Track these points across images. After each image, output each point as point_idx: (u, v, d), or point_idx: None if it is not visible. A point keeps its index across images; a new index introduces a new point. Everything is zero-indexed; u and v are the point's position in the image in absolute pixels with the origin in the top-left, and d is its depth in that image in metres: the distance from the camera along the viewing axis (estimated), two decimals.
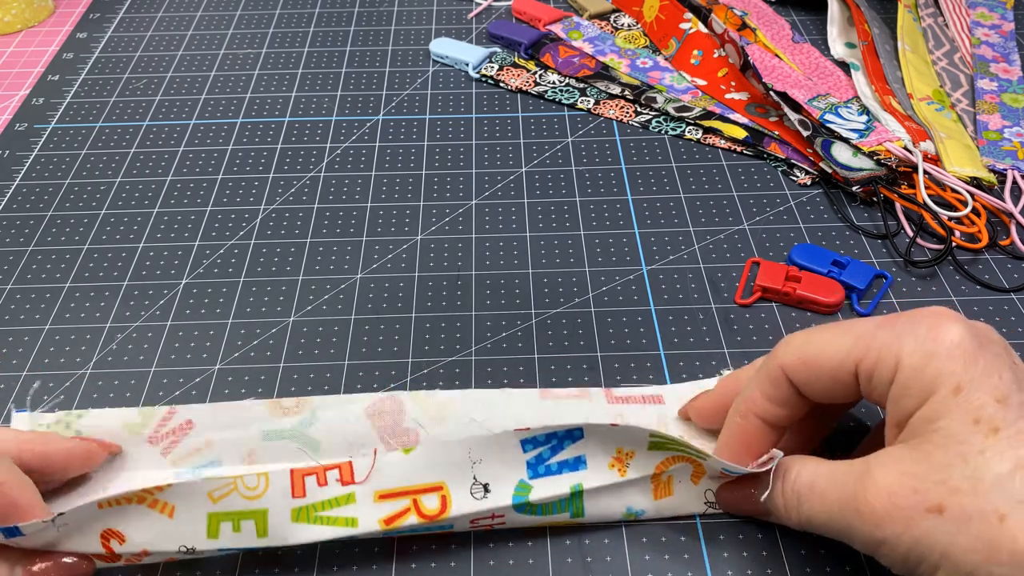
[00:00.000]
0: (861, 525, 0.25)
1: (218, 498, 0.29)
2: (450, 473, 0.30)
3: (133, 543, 0.28)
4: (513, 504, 0.30)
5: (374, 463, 0.30)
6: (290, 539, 0.29)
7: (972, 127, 0.50)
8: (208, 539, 0.28)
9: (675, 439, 0.30)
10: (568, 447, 0.30)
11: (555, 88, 0.55)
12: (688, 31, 0.57)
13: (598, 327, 0.40)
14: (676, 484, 0.32)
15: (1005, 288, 0.41)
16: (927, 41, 0.57)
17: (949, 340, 0.25)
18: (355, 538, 0.30)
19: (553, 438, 0.30)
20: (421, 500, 0.29)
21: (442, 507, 0.29)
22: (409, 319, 0.40)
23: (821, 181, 0.48)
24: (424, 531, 0.31)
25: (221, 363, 0.39)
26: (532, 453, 0.30)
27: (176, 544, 0.28)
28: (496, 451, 0.30)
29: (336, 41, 0.61)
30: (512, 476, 0.30)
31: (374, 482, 0.30)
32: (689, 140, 0.51)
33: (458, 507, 0.29)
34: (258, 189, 0.48)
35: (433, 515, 0.29)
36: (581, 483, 0.30)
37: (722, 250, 0.44)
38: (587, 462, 0.31)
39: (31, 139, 0.52)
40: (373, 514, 0.29)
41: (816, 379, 0.28)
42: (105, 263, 0.44)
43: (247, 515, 0.29)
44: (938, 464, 0.24)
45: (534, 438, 0.30)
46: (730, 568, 0.31)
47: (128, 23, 0.63)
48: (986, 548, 0.23)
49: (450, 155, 0.50)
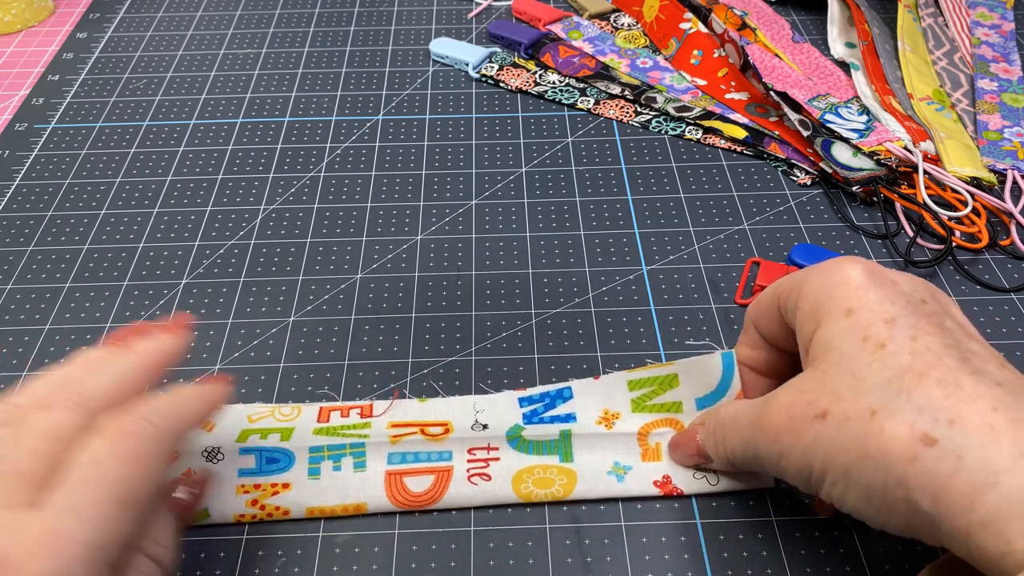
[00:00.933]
0: (764, 443, 0.27)
1: (255, 419, 0.34)
2: (455, 415, 0.35)
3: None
4: (506, 436, 0.34)
5: (392, 404, 0.35)
6: (306, 443, 0.33)
7: (972, 127, 0.50)
8: (235, 442, 0.33)
9: (651, 376, 0.35)
10: (559, 405, 0.35)
11: (555, 88, 0.55)
12: (688, 31, 0.57)
13: (598, 327, 0.40)
14: (664, 450, 0.34)
15: (1005, 288, 0.41)
16: (927, 41, 0.57)
17: (846, 273, 0.27)
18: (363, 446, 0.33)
19: (546, 396, 0.35)
20: (427, 428, 0.34)
21: (444, 431, 0.34)
22: (409, 319, 0.40)
23: (821, 181, 0.48)
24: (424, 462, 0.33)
25: (221, 363, 0.39)
26: (527, 408, 0.35)
27: (202, 445, 0.33)
28: (497, 405, 0.35)
29: (336, 41, 0.61)
30: (509, 421, 0.35)
31: (390, 416, 0.35)
32: (689, 140, 0.51)
33: (458, 433, 0.34)
34: (258, 189, 0.48)
35: (435, 435, 0.34)
36: (570, 431, 0.34)
37: (722, 250, 0.44)
38: (577, 417, 0.35)
39: (31, 139, 0.52)
40: (384, 432, 0.34)
41: (761, 317, 0.31)
42: (105, 263, 0.44)
43: (275, 430, 0.34)
44: (830, 379, 0.26)
45: (530, 397, 0.35)
46: (730, 568, 0.31)
47: (128, 23, 0.63)
48: (858, 445, 0.24)
49: (450, 155, 0.50)
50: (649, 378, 0.35)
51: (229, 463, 0.33)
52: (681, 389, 0.35)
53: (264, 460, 0.33)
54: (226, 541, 0.32)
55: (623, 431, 0.34)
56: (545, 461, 0.33)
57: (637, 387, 0.35)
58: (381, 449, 0.33)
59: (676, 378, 0.35)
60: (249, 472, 0.33)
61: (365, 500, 0.32)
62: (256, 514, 0.32)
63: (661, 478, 0.33)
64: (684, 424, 0.34)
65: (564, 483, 0.33)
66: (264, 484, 0.32)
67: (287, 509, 0.32)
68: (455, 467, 0.33)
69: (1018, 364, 0.38)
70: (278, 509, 0.32)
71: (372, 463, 0.33)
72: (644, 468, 0.33)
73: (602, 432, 0.34)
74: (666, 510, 0.33)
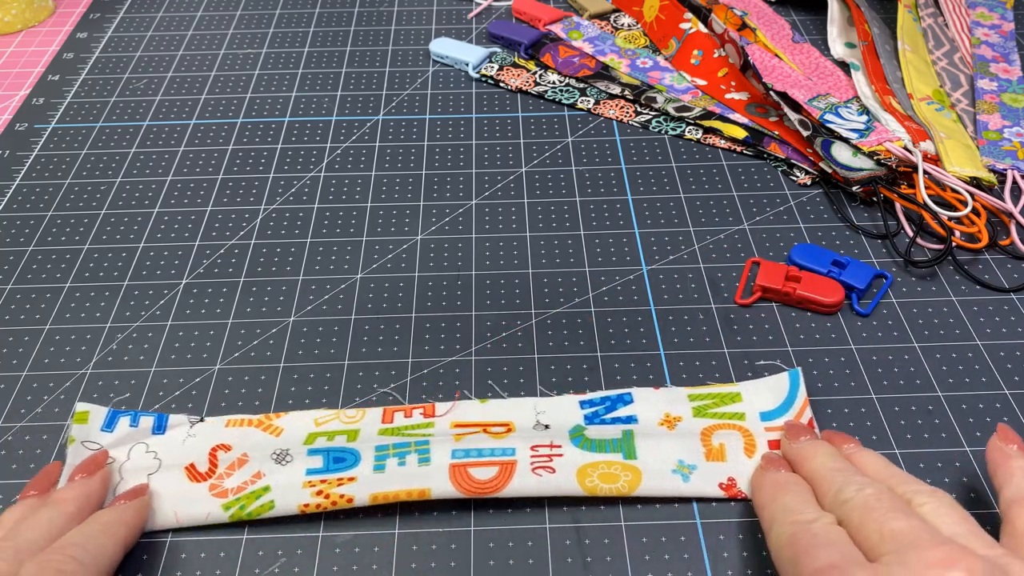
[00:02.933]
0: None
1: (321, 423, 0.35)
2: (517, 416, 0.35)
3: (236, 451, 0.34)
4: (569, 434, 0.34)
5: (454, 405, 0.36)
6: (374, 442, 0.34)
7: (972, 127, 0.50)
8: (303, 445, 0.34)
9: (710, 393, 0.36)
10: (620, 408, 0.36)
11: (555, 88, 0.55)
12: (688, 31, 0.57)
13: (598, 327, 0.40)
14: (728, 450, 0.34)
15: (1005, 288, 0.41)
16: (927, 41, 0.57)
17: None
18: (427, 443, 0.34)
19: (607, 400, 0.36)
20: (489, 428, 0.35)
21: (507, 431, 0.35)
22: (409, 319, 0.40)
23: (821, 181, 0.48)
24: (488, 457, 0.33)
25: (221, 363, 0.39)
26: (588, 411, 0.36)
27: (272, 449, 0.34)
28: (558, 407, 0.36)
29: (336, 41, 0.61)
30: (570, 422, 0.35)
31: (452, 416, 0.36)
32: (689, 140, 0.51)
33: (520, 432, 0.34)
34: (258, 189, 0.48)
35: (498, 434, 0.34)
36: (632, 430, 0.35)
37: (722, 250, 0.44)
38: (638, 419, 0.35)
39: (31, 139, 0.52)
40: (448, 432, 0.35)
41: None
42: (105, 263, 0.44)
43: (342, 432, 0.35)
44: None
45: (591, 400, 0.36)
46: (730, 568, 0.31)
47: (128, 23, 0.63)
48: None
49: (450, 155, 0.50)
50: (710, 393, 0.36)
51: (298, 463, 0.33)
52: (744, 404, 0.35)
53: (331, 459, 0.33)
54: (226, 541, 0.32)
55: (685, 431, 0.35)
56: (608, 458, 0.33)
57: (698, 399, 0.36)
58: (445, 445, 0.34)
59: (739, 395, 0.36)
60: (317, 471, 0.33)
61: (430, 486, 0.32)
62: (321, 503, 0.32)
63: (726, 480, 0.33)
64: (749, 430, 0.34)
65: (629, 479, 0.33)
66: (330, 479, 0.33)
67: (351, 496, 0.32)
68: (518, 460, 0.33)
69: (1018, 364, 0.38)
70: (342, 497, 0.32)
71: (436, 457, 0.33)
72: (709, 468, 0.33)
73: (664, 432, 0.35)
74: (666, 510, 0.33)
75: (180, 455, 0.34)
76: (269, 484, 0.33)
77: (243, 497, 0.32)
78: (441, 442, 0.34)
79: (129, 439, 0.35)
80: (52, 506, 0.30)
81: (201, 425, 0.35)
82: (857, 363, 0.38)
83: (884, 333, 0.39)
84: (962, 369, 0.38)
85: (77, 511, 0.30)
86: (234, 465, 0.34)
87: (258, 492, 0.32)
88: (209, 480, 0.33)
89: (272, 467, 0.33)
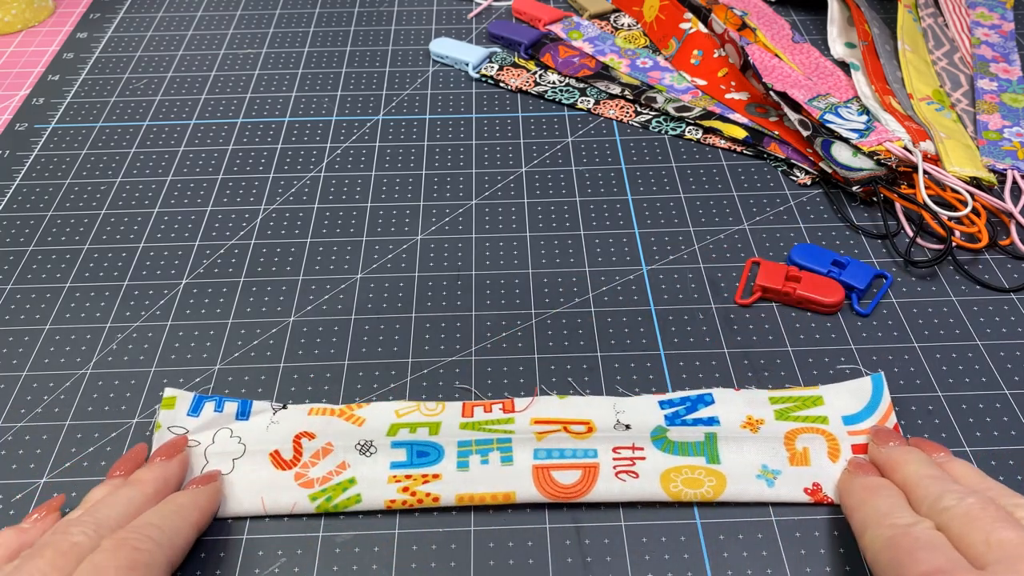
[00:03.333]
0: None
1: (403, 414, 0.35)
2: (597, 414, 0.35)
3: (320, 440, 0.34)
4: (651, 436, 0.34)
5: (533, 401, 0.36)
6: (456, 437, 0.34)
7: (972, 127, 0.50)
8: (386, 436, 0.34)
9: (792, 396, 0.35)
10: (701, 409, 0.35)
11: (555, 88, 0.55)
12: (688, 31, 0.57)
13: (598, 327, 0.40)
14: (813, 455, 0.33)
15: (1005, 288, 0.41)
16: (927, 41, 0.57)
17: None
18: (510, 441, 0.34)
19: (687, 400, 0.36)
20: (569, 427, 0.35)
21: (588, 430, 0.34)
22: (409, 319, 0.40)
23: (821, 181, 0.48)
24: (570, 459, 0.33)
25: (221, 363, 0.39)
26: (669, 411, 0.35)
27: (356, 439, 0.34)
28: (637, 406, 0.35)
29: (336, 41, 0.61)
30: (651, 422, 0.35)
31: (531, 412, 0.35)
32: (689, 140, 0.51)
33: (601, 432, 0.34)
34: (258, 189, 0.48)
35: (579, 434, 0.34)
36: (715, 432, 0.34)
37: (722, 250, 0.44)
38: (720, 421, 0.35)
39: (31, 139, 0.52)
40: (528, 429, 0.34)
41: None
42: (105, 263, 0.44)
43: (423, 424, 0.35)
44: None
45: (671, 400, 0.36)
46: (730, 568, 0.31)
47: (128, 23, 0.63)
48: None
49: (450, 155, 0.50)
50: (791, 396, 0.36)
51: (381, 456, 0.34)
52: (826, 408, 0.35)
53: (415, 453, 0.34)
54: (226, 541, 0.32)
55: (768, 434, 0.34)
56: (691, 462, 0.33)
57: (779, 402, 0.35)
58: (527, 445, 0.34)
59: (820, 399, 0.35)
60: (401, 465, 0.33)
61: (515, 489, 0.32)
62: (407, 500, 0.32)
63: (811, 485, 0.33)
64: (833, 434, 0.34)
65: (714, 484, 0.32)
66: (415, 475, 0.33)
67: (437, 495, 0.32)
68: (601, 464, 0.33)
69: (1018, 364, 0.38)
70: (428, 495, 0.32)
71: (519, 457, 0.33)
72: (793, 473, 0.33)
73: (747, 435, 0.34)
74: (666, 510, 0.33)
75: (265, 441, 0.34)
76: (355, 476, 0.33)
77: (329, 488, 0.33)
78: (523, 441, 0.34)
79: (214, 424, 0.35)
80: (132, 486, 0.31)
81: (284, 412, 0.35)
82: (857, 363, 0.38)
83: (884, 333, 0.39)
84: (962, 369, 0.38)
85: (155, 492, 0.31)
86: (319, 454, 0.34)
87: (344, 484, 0.33)
88: (295, 468, 0.33)
89: (357, 458, 0.34)
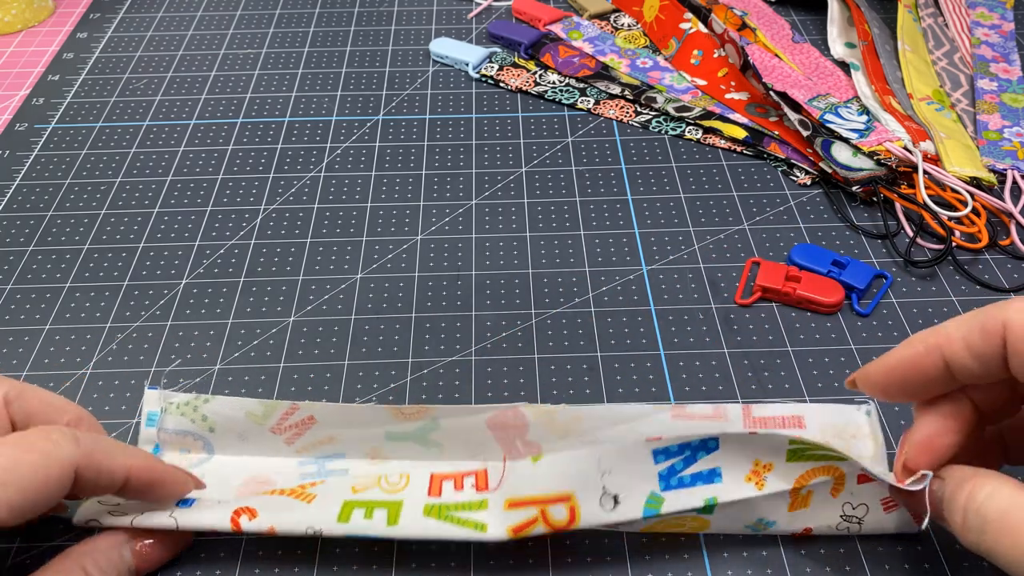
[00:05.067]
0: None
1: (359, 490, 0.31)
2: (578, 483, 0.29)
3: (263, 520, 0.29)
4: (643, 514, 0.29)
5: (504, 470, 0.31)
6: (417, 532, 0.29)
7: (972, 127, 0.50)
8: (338, 523, 0.29)
9: (817, 443, 0.28)
10: (702, 459, 0.29)
11: (555, 88, 0.55)
12: (688, 31, 0.57)
13: (598, 327, 0.40)
14: (813, 497, 0.30)
15: (1005, 288, 0.41)
16: (927, 41, 0.57)
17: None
18: (480, 542, 0.29)
19: (687, 448, 0.29)
20: (549, 511, 0.29)
21: (570, 518, 0.28)
22: (409, 319, 0.40)
23: (821, 181, 0.48)
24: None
25: (221, 363, 0.39)
26: (664, 464, 0.29)
27: (305, 525, 0.29)
28: (626, 462, 0.29)
29: (336, 41, 0.61)
30: (643, 487, 0.29)
31: (505, 489, 0.30)
32: (689, 140, 0.51)
33: (586, 519, 0.28)
34: (258, 189, 0.48)
35: (561, 526, 0.28)
36: (716, 497, 0.29)
37: (722, 250, 0.44)
38: (723, 475, 0.29)
39: (31, 139, 0.52)
40: (502, 522, 0.29)
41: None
42: (105, 263, 0.44)
43: (382, 504, 0.30)
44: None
45: (666, 448, 0.29)
46: (730, 568, 0.31)
47: (128, 23, 0.63)
48: None
49: (450, 155, 0.50)
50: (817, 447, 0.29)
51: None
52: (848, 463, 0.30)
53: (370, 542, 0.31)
54: (226, 541, 0.32)
55: (775, 489, 0.29)
56: (676, 523, 0.31)
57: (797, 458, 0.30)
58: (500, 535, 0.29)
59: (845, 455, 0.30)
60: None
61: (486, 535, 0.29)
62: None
63: (801, 529, 0.31)
64: (844, 472, 0.29)
65: (695, 525, 0.31)
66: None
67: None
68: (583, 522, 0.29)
69: None
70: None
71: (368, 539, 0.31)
72: (786, 519, 0.30)
73: (750, 493, 0.29)
74: None
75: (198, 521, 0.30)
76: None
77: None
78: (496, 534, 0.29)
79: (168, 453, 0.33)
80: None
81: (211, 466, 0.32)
82: (857, 363, 0.38)
83: (884, 333, 0.39)
84: None
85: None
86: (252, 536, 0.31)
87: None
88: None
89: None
